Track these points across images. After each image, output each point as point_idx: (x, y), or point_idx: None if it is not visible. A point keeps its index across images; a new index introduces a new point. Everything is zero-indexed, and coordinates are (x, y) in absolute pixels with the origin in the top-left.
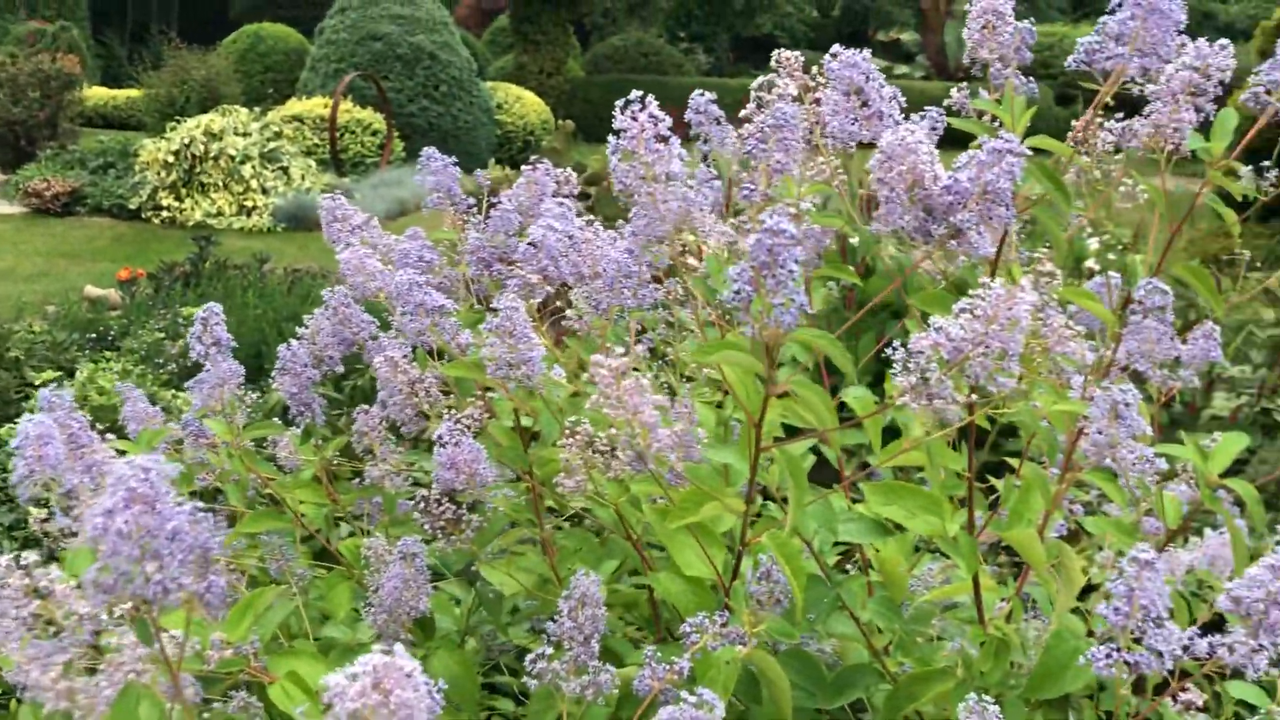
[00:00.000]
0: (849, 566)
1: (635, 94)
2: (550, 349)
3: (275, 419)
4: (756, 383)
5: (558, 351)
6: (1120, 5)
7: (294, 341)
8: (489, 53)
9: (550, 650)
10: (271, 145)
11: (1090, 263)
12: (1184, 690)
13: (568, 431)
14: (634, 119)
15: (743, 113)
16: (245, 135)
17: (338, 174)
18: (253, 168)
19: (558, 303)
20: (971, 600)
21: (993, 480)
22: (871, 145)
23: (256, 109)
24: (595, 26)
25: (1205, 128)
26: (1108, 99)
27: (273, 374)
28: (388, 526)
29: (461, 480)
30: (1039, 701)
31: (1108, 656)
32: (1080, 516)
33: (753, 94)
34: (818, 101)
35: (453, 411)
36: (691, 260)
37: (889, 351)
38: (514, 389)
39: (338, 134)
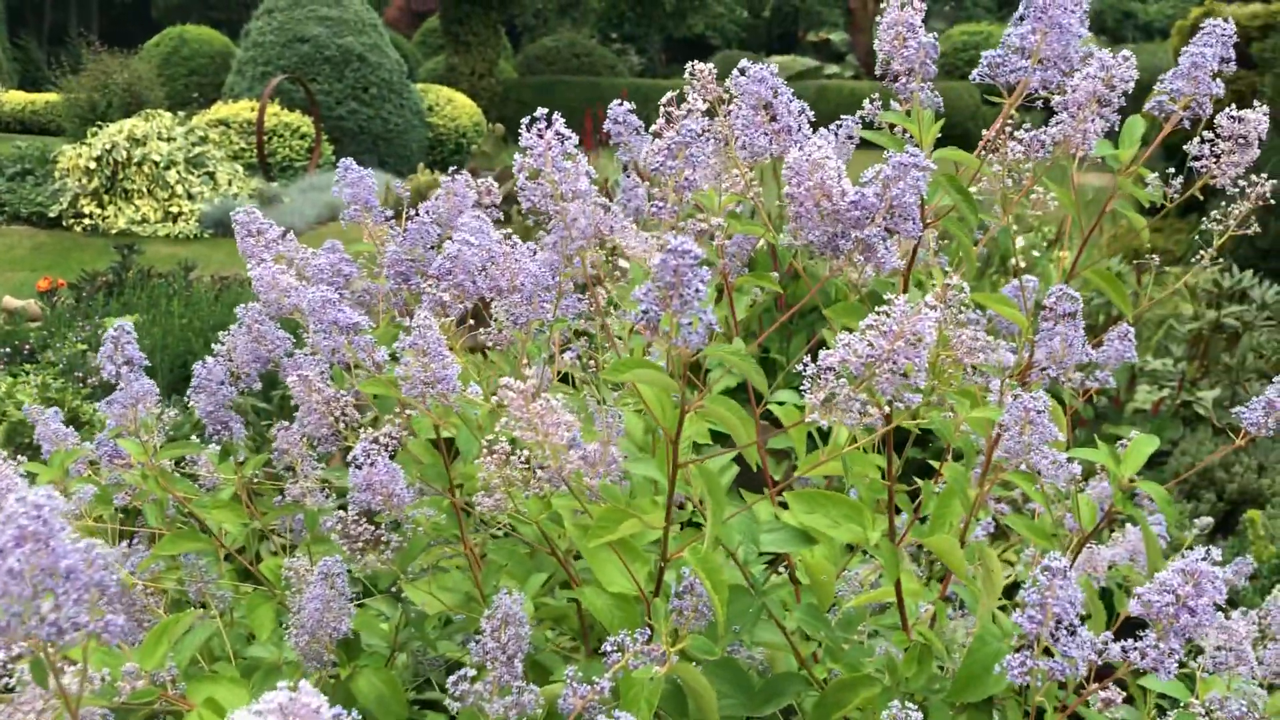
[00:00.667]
0: (781, 571)
1: (541, 111)
2: (470, 364)
3: (197, 436)
4: (672, 399)
5: (479, 365)
6: (1023, 19)
7: (209, 359)
8: (420, 54)
9: (473, 672)
10: (197, 150)
11: (1016, 260)
12: (1105, 689)
13: (485, 449)
14: (540, 136)
15: (653, 128)
16: (170, 140)
17: (266, 178)
18: (178, 173)
19: (486, 314)
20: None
21: (919, 481)
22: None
23: (181, 113)
24: (527, 27)
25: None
26: (1013, 110)
27: (187, 392)
28: (310, 545)
29: (378, 501)
30: (964, 704)
31: (1022, 664)
32: (1007, 515)
33: (662, 109)
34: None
35: (369, 430)
36: (623, 263)
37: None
38: (432, 406)
39: (265, 138)
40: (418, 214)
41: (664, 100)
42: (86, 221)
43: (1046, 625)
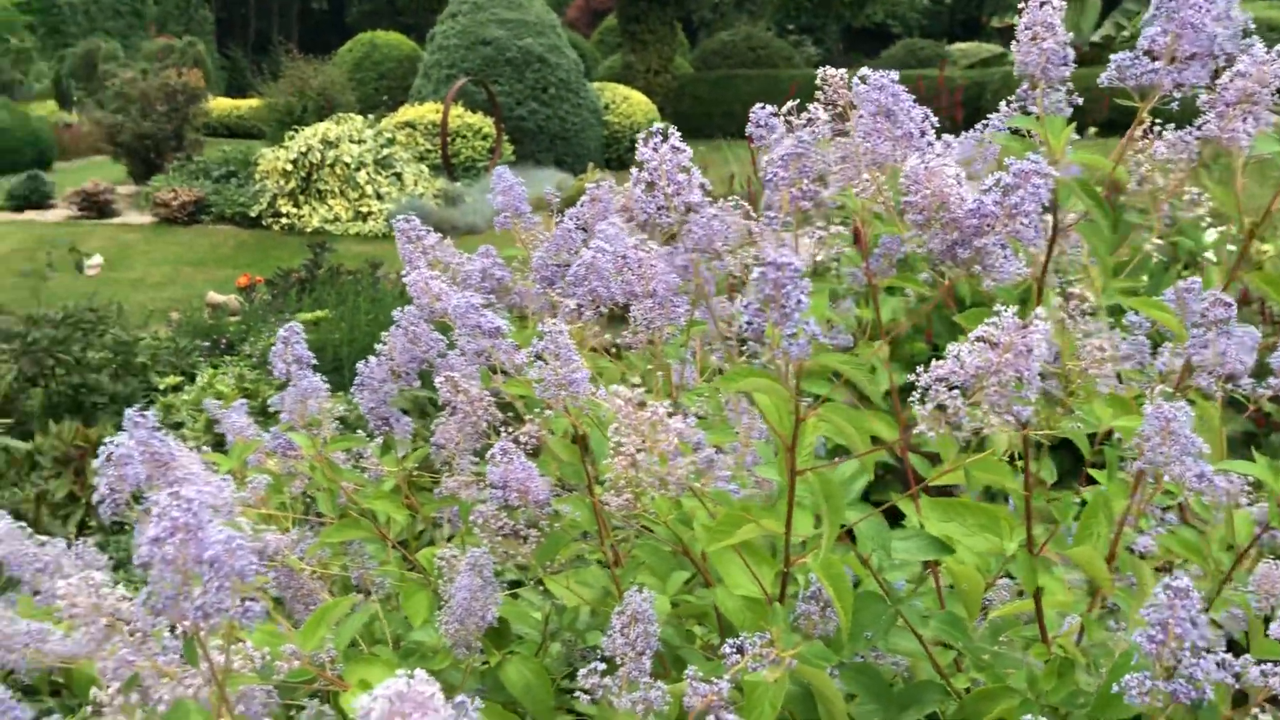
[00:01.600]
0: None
1: (658, 125)
2: (612, 366)
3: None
4: (788, 407)
5: (621, 366)
6: (1153, 19)
7: (372, 358)
8: (598, 52)
9: (603, 666)
10: (385, 152)
11: (1209, 255)
12: (1246, 714)
13: (611, 450)
14: (655, 150)
15: (770, 138)
16: (360, 142)
17: (449, 179)
18: (367, 174)
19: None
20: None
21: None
22: None
23: (370, 116)
24: (704, 22)
25: None
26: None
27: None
28: (464, 536)
29: (514, 496)
30: None
31: (1140, 684)
32: (1174, 526)
33: (783, 117)
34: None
35: (509, 429)
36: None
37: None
38: (567, 407)
39: (449, 139)
40: (560, 221)
41: (785, 110)
42: (284, 221)
43: (1168, 645)
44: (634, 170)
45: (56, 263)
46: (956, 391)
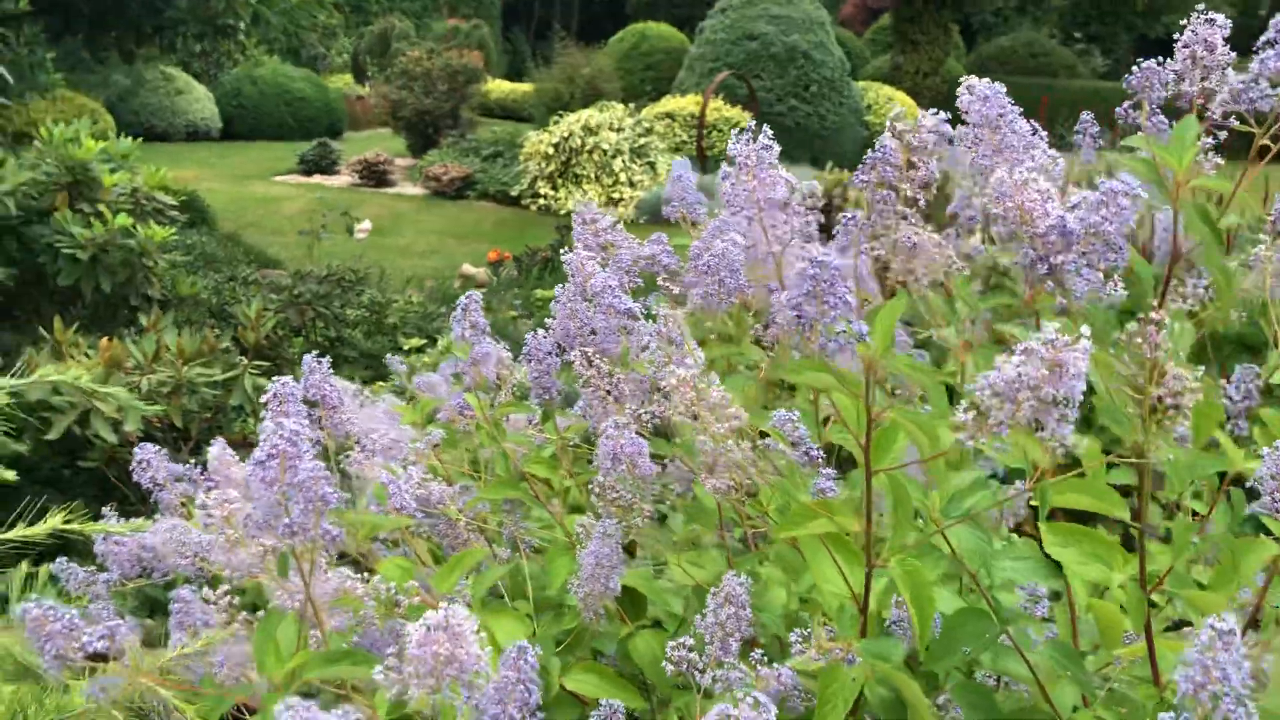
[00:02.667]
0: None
1: (751, 123)
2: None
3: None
4: (862, 405)
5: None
6: (1272, 44)
7: (540, 331)
8: (868, 51)
9: (690, 641)
10: (642, 141)
11: None
12: None
13: (698, 431)
14: (746, 145)
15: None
16: (618, 130)
17: (702, 170)
18: (622, 162)
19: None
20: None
21: None
22: None
23: (632, 105)
24: (984, 26)
25: None
26: (1266, 139)
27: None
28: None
29: (623, 470)
30: None
31: None
32: None
33: (889, 124)
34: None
35: (628, 408)
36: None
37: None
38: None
39: (705, 131)
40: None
41: (890, 117)
42: (540, 202)
43: (1209, 687)
44: (724, 166)
45: (330, 225)
46: (998, 400)
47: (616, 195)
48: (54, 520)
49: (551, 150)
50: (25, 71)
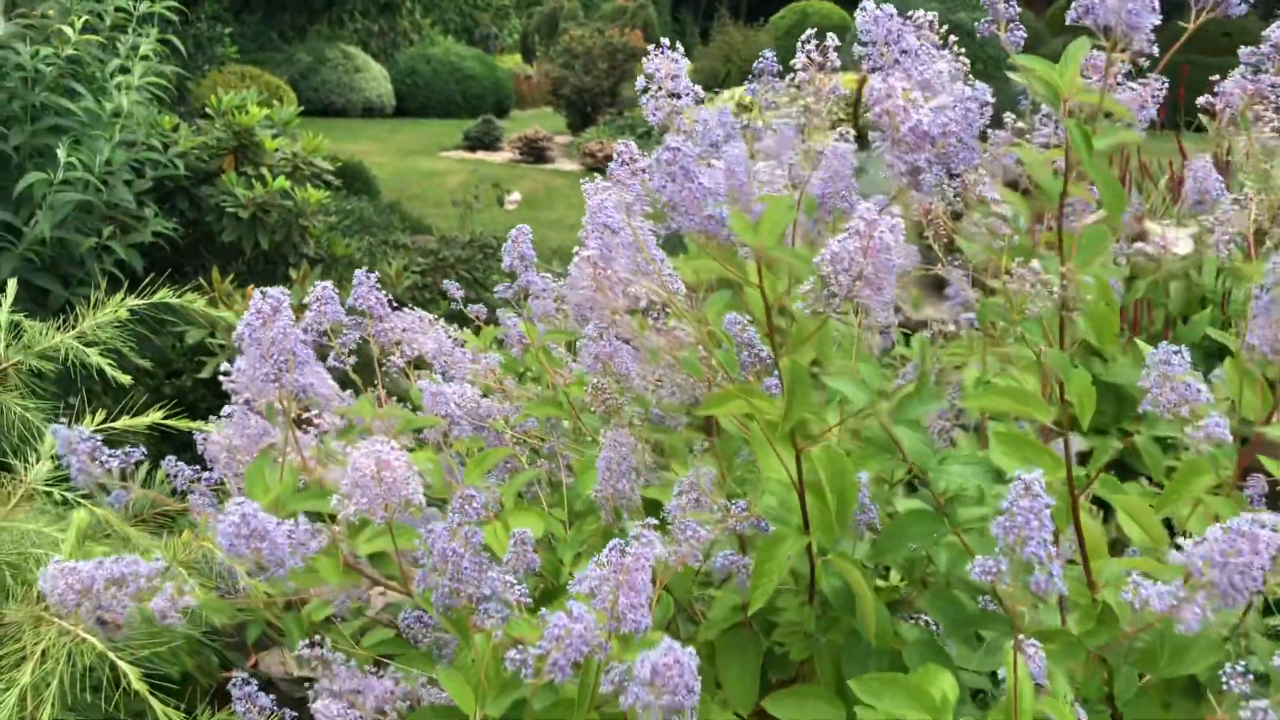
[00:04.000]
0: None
1: (810, 32)
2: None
3: None
4: (758, 294)
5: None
6: None
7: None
8: (1047, 32)
9: (655, 521)
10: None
11: None
12: None
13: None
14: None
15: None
16: (772, 108)
17: (858, 146)
18: None
19: None
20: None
21: None
22: None
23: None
24: (1175, 5)
25: None
26: None
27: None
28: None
29: (608, 382)
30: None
31: (986, 566)
32: None
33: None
34: None
35: (617, 317)
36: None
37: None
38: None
39: (862, 109)
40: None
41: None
42: None
43: (1016, 531)
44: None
45: (483, 197)
46: (834, 270)
47: None
48: (155, 415)
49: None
50: (205, 45)
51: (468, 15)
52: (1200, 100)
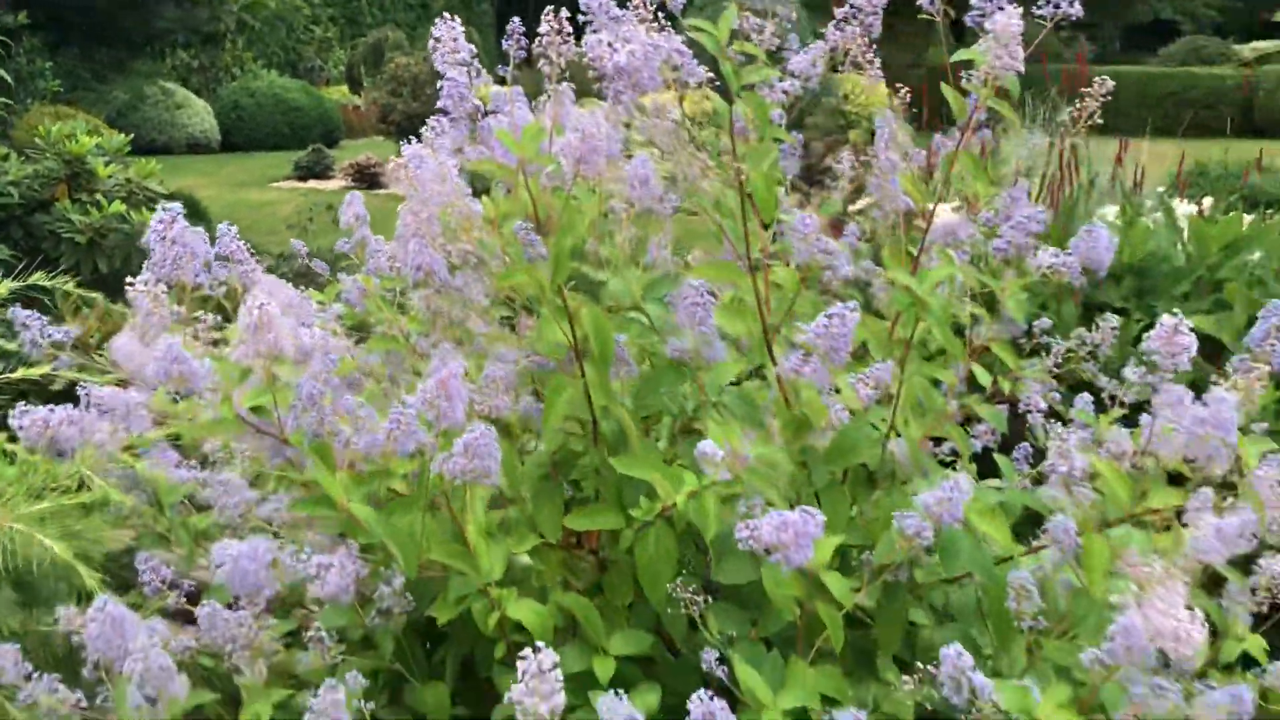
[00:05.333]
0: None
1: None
2: None
3: None
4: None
5: None
6: None
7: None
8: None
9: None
10: None
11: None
12: None
13: None
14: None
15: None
16: None
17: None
18: None
19: None
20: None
21: None
22: None
23: None
24: (975, 21)
25: None
26: None
27: None
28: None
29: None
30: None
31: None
32: None
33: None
34: None
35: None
36: None
37: None
38: None
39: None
40: None
41: None
42: None
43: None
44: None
45: (317, 220)
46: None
47: None
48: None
49: None
50: (26, 79)
51: (291, 49)
52: None
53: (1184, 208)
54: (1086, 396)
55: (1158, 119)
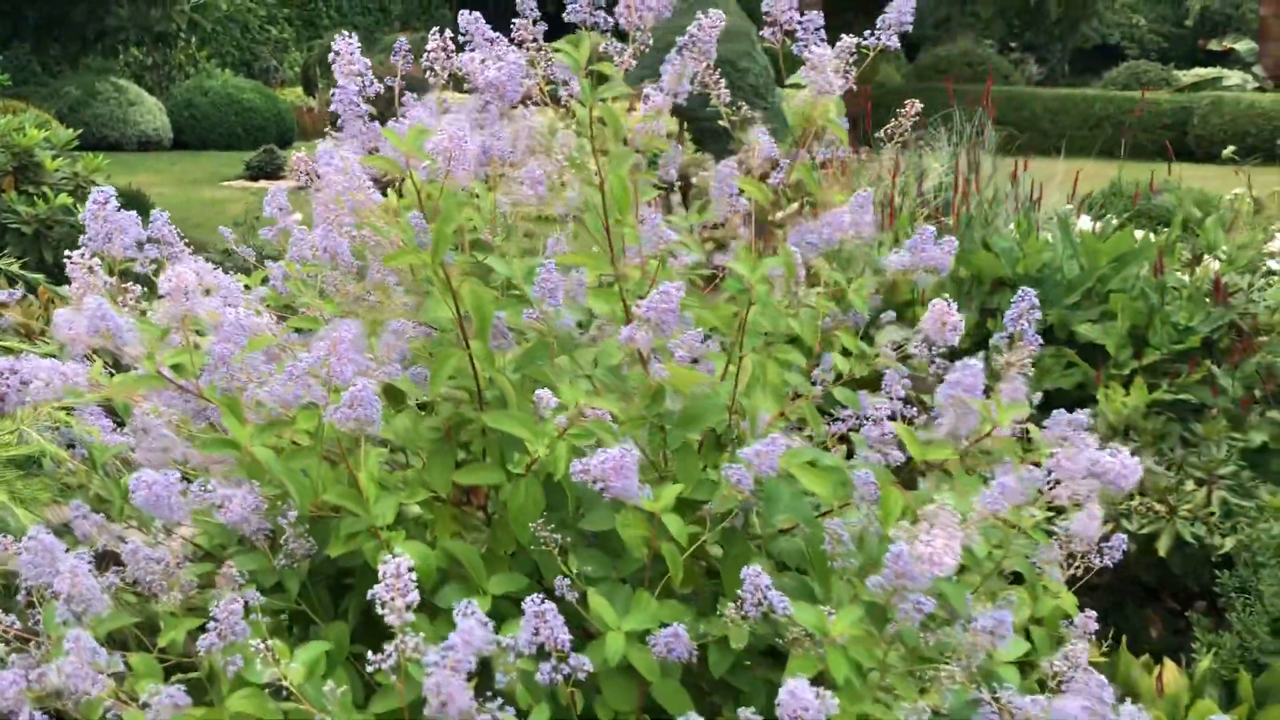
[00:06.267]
0: None
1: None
2: None
3: None
4: None
5: None
6: None
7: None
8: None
9: None
10: None
11: None
12: None
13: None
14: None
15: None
16: None
17: None
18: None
19: None
20: None
21: None
22: None
23: None
24: (925, 38)
25: None
26: None
27: None
28: None
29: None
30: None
31: None
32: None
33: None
34: None
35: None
36: None
37: None
38: None
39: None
40: None
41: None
42: None
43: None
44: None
45: (263, 219)
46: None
47: None
48: None
49: None
50: None
51: (246, 49)
52: None
53: (1085, 224)
54: (897, 375)
55: (1095, 141)
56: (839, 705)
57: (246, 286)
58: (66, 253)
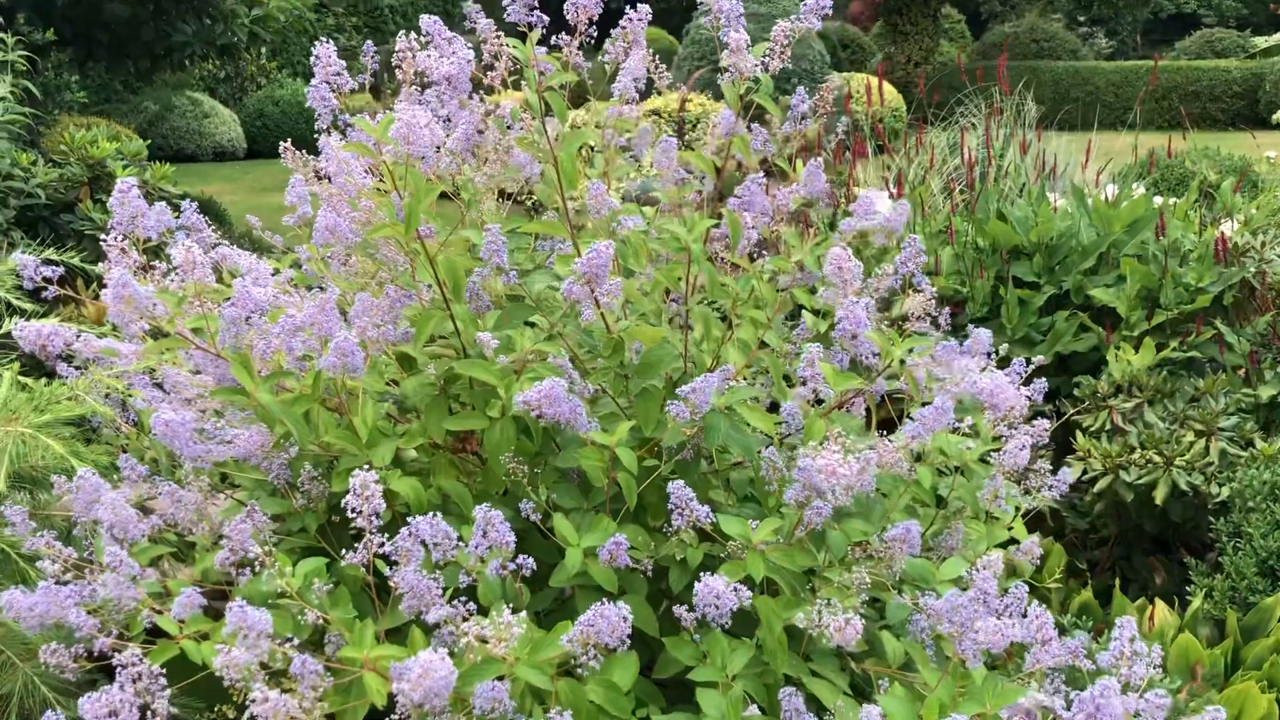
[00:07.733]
0: None
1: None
2: None
3: None
4: None
5: None
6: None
7: None
8: (875, 46)
9: None
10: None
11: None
12: None
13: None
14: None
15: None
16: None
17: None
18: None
19: None
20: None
21: None
22: None
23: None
24: (992, 14)
25: None
26: None
27: None
28: None
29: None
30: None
31: None
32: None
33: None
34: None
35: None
36: None
37: None
38: None
39: (688, 125)
40: None
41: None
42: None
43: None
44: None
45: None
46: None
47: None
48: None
49: None
50: (53, 92)
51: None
52: None
53: (1111, 191)
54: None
55: (1163, 113)
56: (772, 609)
57: (276, 270)
58: (101, 236)
